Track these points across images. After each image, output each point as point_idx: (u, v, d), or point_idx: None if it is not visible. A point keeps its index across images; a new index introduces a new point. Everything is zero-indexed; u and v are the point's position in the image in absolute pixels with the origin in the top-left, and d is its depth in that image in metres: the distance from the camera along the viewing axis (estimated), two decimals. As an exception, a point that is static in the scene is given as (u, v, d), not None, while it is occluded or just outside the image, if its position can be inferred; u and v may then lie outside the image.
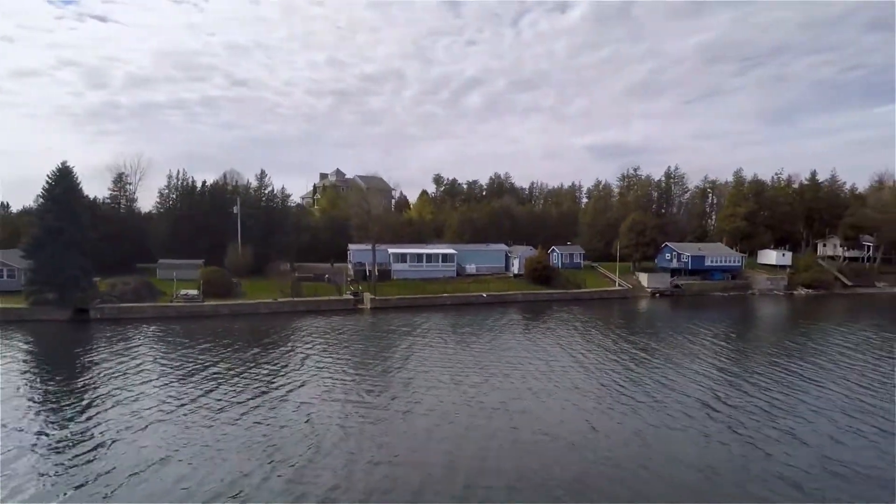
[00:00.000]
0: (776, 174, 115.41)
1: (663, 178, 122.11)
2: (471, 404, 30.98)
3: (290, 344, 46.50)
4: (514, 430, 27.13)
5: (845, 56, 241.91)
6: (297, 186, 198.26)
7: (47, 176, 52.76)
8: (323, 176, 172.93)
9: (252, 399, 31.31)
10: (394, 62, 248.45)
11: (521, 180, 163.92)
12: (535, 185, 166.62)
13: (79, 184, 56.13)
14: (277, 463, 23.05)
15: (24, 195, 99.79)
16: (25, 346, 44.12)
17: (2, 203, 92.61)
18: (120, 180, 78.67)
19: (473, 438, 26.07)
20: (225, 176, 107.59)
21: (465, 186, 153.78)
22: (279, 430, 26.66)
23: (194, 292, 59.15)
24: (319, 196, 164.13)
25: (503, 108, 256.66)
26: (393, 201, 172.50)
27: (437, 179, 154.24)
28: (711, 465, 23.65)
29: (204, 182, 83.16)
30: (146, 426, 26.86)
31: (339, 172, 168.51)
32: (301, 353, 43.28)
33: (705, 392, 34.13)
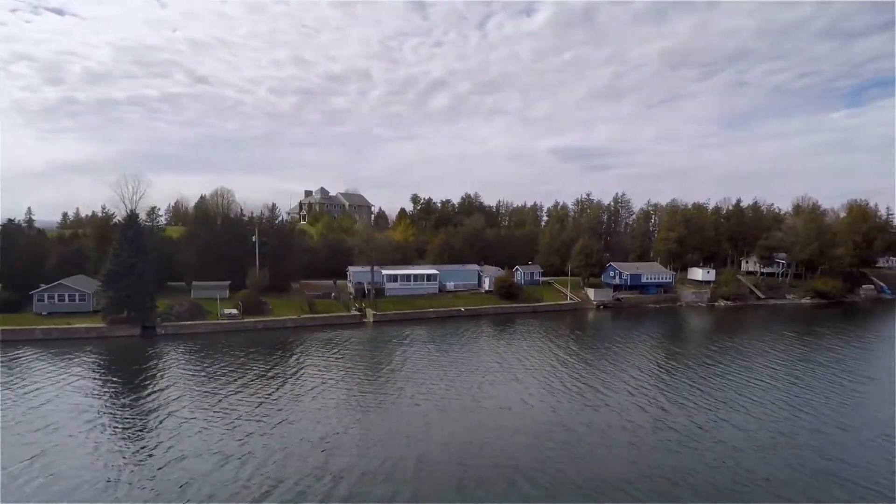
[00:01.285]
0: (704, 202, 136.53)
1: (612, 203, 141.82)
2: (451, 392, 47.30)
3: (317, 352, 61.87)
4: (483, 410, 43.58)
5: (798, 63, 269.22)
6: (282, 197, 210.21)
7: (121, 220, 66.51)
8: (308, 193, 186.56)
9: (300, 395, 46.82)
10: (359, 62, 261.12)
11: (489, 199, 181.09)
12: (501, 203, 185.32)
13: (142, 226, 69.85)
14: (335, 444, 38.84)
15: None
16: (110, 357, 57.96)
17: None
18: (153, 212, 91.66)
19: (454, 417, 42.34)
20: (217, 193, 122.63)
21: (439, 205, 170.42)
22: (329, 419, 42.43)
23: (235, 311, 73.69)
24: (306, 213, 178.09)
25: (469, 109, 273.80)
26: (372, 216, 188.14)
27: (415, 199, 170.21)
28: (635, 441, 40.53)
29: (224, 214, 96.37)
30: (216, 419, 42.13)
31: (322, 191, 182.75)
32: (327, 358, 58.90)
33: (636, 383, 51.29)
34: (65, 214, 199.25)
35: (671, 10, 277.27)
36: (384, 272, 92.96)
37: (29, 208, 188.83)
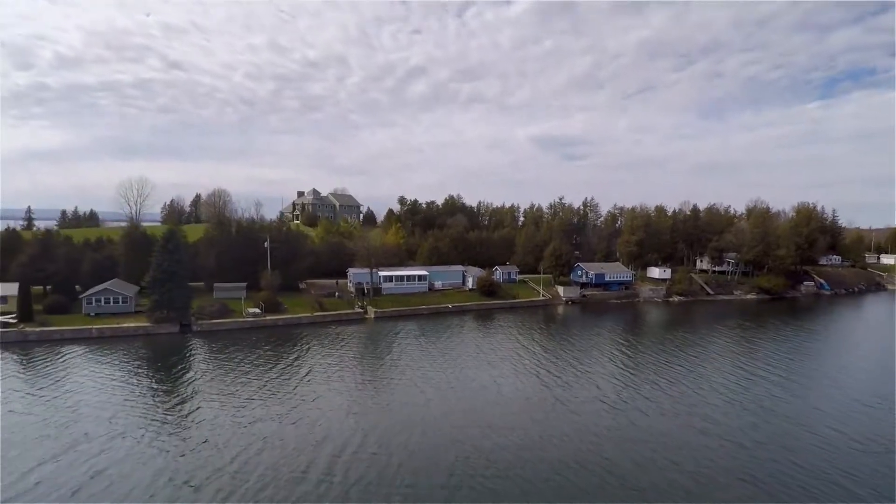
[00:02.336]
0: (659, 207, 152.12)
1: (581, 206, 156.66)
2: (443, 375, 60.77)
3: (330, 344, 74.72)
4: (467, 388, 57.11)
5: (773, 55, 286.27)
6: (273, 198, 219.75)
7: (162, 238, 78.17)
8: (300, 194, 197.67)
9: (325, 378, 59.87)
10: (337, 48, 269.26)
11: (471, 199, 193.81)
12: (482, 204, 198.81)
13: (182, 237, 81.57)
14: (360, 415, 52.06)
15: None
16: (156, 351, 69.90)
17: None
18: (180, 220, 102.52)
19: (446, 394, 55.80)
20: (213, 194, 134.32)
21: (424, 206, 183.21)
22: (352, 395, 55.58)
23: (257, 310, 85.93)
24: (299, 213, 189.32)
25: (447, 97, 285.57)
26: (361, 216, 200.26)
27: (402, 200, 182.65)
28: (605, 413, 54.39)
29: (238, 222, 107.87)
30: (262, 397, 55.04)
31: (315, 192, 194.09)
32: (340, 349, 71.95)
33: (584, 367, 65.28)
34: (63, 212, 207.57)
35: (649, 0, 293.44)
36: (380, 273, 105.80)
37: (29, 207, 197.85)
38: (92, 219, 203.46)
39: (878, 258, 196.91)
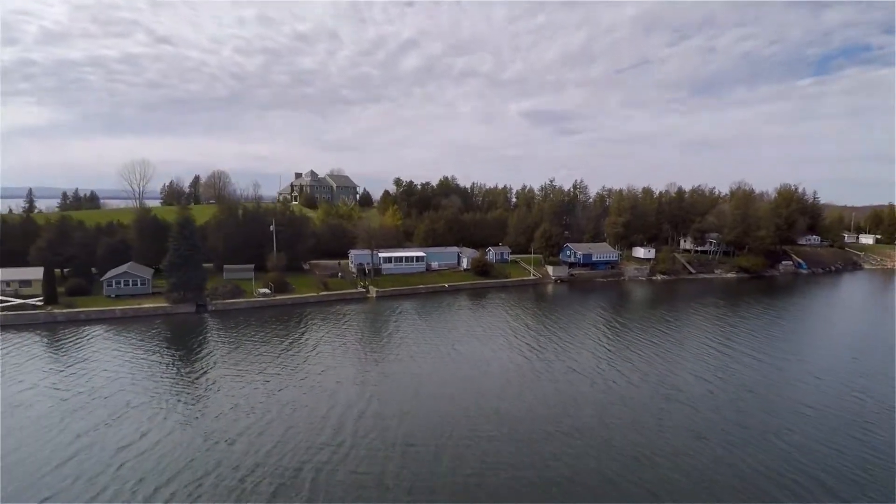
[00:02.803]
0: (647, 189, 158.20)
1: (571, 188, 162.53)
2: (440, 349, 67.39)
3: (336, 321, 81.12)
4: (462, 361, 63.78)
5: (768, 30, 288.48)
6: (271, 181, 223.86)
7: (178, 224, 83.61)
8: (298, 175, 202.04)
9: (333, 352, 66.38)
10: (327, 21, 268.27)
11: (464, 180, 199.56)
12: (475, 185, 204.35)
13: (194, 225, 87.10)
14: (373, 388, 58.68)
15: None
16: (175, 330, 76.10)
17: None
18: (183, 211, 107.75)
19: (442, 366, 62.47)
20: (213, 175, 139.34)
21: (419, 187, 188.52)
22: (358, 367, 62.15)
23: (267, 290, 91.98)
24: (297, 194, 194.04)
25: (440, 72, 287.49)
26: (357, 196, 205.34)
27: (398, 182, 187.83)
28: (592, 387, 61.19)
29: (245, 206, 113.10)
30: (275, 370, 61.51)
31: (312, 174, 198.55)
32: (345, 326, 78.35)
33: (583, 342, 72.07)
34: (64, 194, 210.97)
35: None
36: (380, 254, 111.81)
37: (30, 190, 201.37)
38: (93, 200, 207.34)
39: (857, 238, 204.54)
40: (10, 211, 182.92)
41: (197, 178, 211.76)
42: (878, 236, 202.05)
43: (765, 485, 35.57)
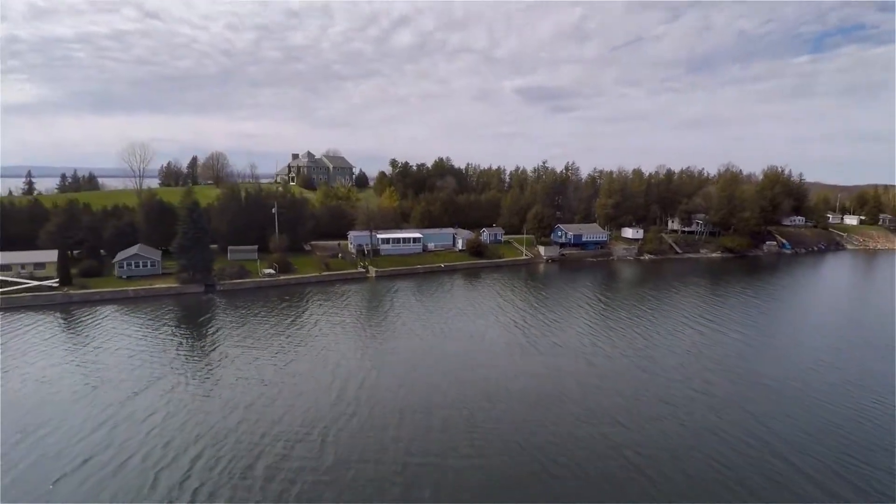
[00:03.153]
0: (637, 171, 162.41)
1: (563, 170, 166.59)
2: (437, 325, 72.36)
3: (338, 300, 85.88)
4: (458, 336, 68.74)
5: (764, 8, 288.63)
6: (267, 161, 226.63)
7: (187, 207, 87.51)
8: (295, 156, 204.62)
9: (336, 328, 71.25)
10: None
11: (459, 159, 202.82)
12: (470, 166, 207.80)
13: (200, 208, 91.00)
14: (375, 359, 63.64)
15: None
16: (186, 309, 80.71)
17: None
18: (189, 194, 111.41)
19: (439, 341, 67.44)
20: (211, 157, 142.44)
21: (415, 168, 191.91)
22: (361, 341, 67.07)
23: (272, 270, 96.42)
24: (294, 175, 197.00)
25: (433, 47, 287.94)
26: (353, 177, 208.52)
27: (393, 163, 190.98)
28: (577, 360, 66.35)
29: (246, 190, 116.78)
30: (283, 346, 66.37)
31: (309, 154, 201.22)
32: (346, 304, 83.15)
33: (570, 319, 77.11)
34: (63, 176, 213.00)
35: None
36: (378, 236, 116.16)
37: (29, 171, 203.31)
38: (91, 181, 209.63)
39: (842, 219, 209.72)
40: (10, 193, 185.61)
41: (195, 159, 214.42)
42: (863, 217, 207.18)
43: (716, 444, 40.87)
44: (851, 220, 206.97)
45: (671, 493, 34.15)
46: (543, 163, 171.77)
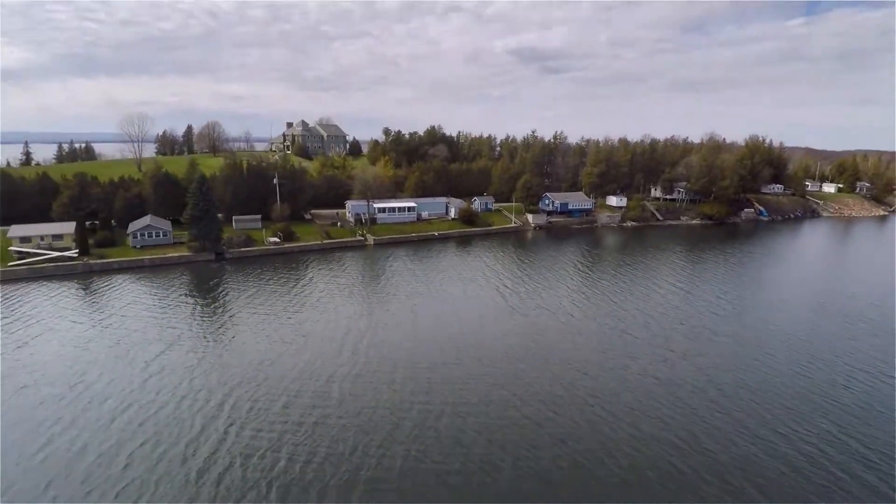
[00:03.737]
0: (622, 140, 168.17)
1: (552, 139, 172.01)
2: (431, 289, 79.68)
3: (339, 265, 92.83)
4: (450, 299, 76.15)
5: None
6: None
7: (196, 181, 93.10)
8: (289, 125, 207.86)
9: (340, 292, 78.43)
10: None
11: (451, 128, 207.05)
12: (461, 134, 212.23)
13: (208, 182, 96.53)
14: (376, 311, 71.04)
15: None
16: (198, 276, 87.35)
17: None
18: (193, 166, 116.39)
19: (433, 304, 74.87)
20: (207, 126, 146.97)
21: (407, 136, 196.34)
22: (364, 305, 74.37)
23: (276, 239, 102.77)
24: (290, 144, 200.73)
25: (424, 7, 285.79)
26: (347, 145, 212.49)
27: (386, 132, 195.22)
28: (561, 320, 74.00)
29: (248, 162, 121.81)
30: (293, 308, 73.56)
31: (303, 123, 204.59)
32: (347, 269, 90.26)
33: (551, 283, 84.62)
34: (59, 145, 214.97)
35: None
36: (375, 205, 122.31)
37: (26, 142, 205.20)
38: (88, 152, 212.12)
39: (821, 186, 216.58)
40: (9, 164, 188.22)
41: (190, 128, 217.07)
42: (840, 186, 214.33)
43: (660, 389, 48.91)
44: (830, 188, 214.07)
45: (614, 423, 42.12)
46: (533, 132, 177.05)
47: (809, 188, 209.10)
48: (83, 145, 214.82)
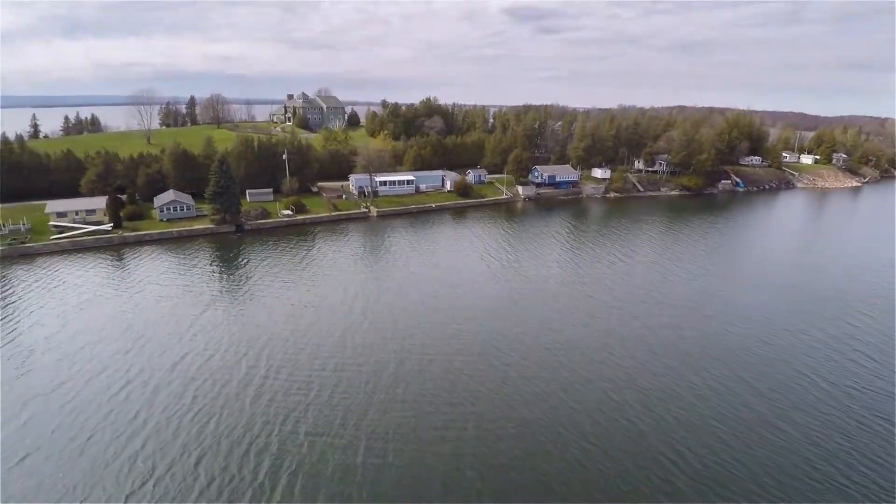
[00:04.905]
0: (608, 114, 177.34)
1: (542, 111, 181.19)
2: (431, 257, 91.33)
3: (347, 235, 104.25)
4: (444, 267, 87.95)
5: None
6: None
7: (217, 160, 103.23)
8: (290, 97, 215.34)
9: (350, 258, 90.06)
10: None
11: (446, 99, 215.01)
12: (455, 106, 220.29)
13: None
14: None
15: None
16: (227, 246, 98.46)
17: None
18: (209, 144, 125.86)
19: (432, 270, 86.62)
20: (211, 98, 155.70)
21: (403, 108, 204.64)
22: (371, 271, 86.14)
23: (289, 212, 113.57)
24: (291, 116, 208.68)
25: None
26: (346, 116, 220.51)
27: (384, 104, 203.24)
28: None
29: (259, 139, 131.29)
30: (309, 274, 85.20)
31: (304, 95, 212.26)
32: (355, 238, 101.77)
33: (533, 251, 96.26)
34: (66, 118, 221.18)
35: None
36: (377, 178, 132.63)
37: (34, 115, 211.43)
38: (94, 124, 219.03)
39: (799, 158, 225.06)
40: (19, 136, 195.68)
41: (192, 99, 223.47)
42: (818, 157, 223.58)
43: (611, 341, 61.24)
44: (807, 160, 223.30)
45: (567, 365, 54.50)
46: (524, 105, 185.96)
47: (787, 160, 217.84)
48: (89, 117, 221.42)
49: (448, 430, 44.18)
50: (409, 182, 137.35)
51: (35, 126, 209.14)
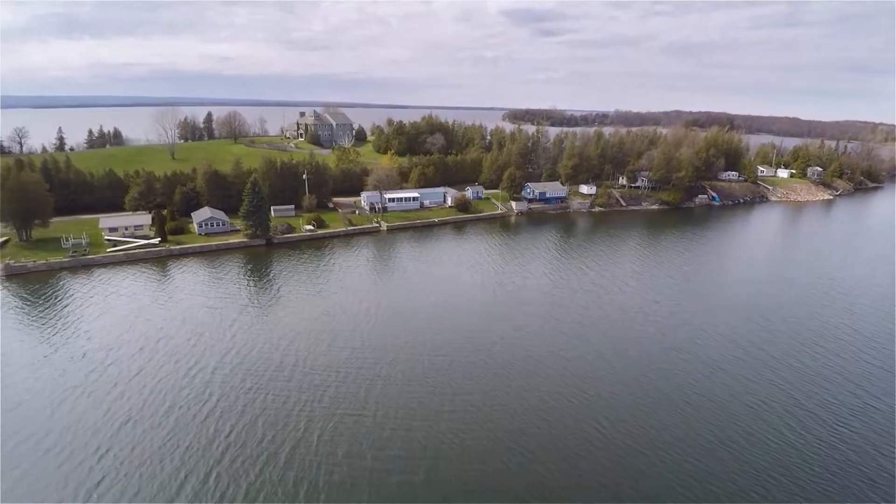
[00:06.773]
0: (598, 131, 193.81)
1: (535, 132, 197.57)
2: (439, 267, 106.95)
3: (364, 248, 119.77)
4: (447, 277, 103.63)
5: None
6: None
7: (250, 182, 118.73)
8: (301, 114, 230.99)
9: (368, 265, 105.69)
10: None
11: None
12: (455, 123, 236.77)
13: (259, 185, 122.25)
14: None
15: None
16: (254, 257, 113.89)
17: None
18: (238, 164, 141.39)
19: (438, 275, 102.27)
20: (229, 115, 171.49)
21: (407, 126, 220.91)
22: (388, 277, 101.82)
23: (311, 227, 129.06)
24: (303, 132, 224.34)
25: None
26: (353, 133, 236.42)
27: (389, 122, 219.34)
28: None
29: (282, 160, 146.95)
30: (338, 280, 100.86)
31: (315, 113, 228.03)
32: (371, 250, 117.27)
33: (522, 262, 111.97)
34: (90, 131, 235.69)
35: None
36: (386, 195, 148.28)
37: (60, 128, 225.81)
38: (117, 137, 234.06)
39: (775, 172, 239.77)
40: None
41: (210, 115, 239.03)
42: (793, 171, 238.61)
43: (587, 337, 76.95)
44: (783, 174, 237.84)
45: (542, 359, 70.15)
46: (518, 126, 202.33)
47: (764, 174, 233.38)
48: (112, 130, 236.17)
49: (456, 404, 59.89)
50: (414, 199, 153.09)
51: (61, 138, 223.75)
